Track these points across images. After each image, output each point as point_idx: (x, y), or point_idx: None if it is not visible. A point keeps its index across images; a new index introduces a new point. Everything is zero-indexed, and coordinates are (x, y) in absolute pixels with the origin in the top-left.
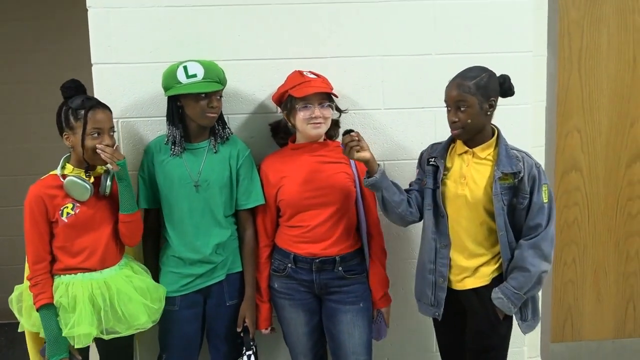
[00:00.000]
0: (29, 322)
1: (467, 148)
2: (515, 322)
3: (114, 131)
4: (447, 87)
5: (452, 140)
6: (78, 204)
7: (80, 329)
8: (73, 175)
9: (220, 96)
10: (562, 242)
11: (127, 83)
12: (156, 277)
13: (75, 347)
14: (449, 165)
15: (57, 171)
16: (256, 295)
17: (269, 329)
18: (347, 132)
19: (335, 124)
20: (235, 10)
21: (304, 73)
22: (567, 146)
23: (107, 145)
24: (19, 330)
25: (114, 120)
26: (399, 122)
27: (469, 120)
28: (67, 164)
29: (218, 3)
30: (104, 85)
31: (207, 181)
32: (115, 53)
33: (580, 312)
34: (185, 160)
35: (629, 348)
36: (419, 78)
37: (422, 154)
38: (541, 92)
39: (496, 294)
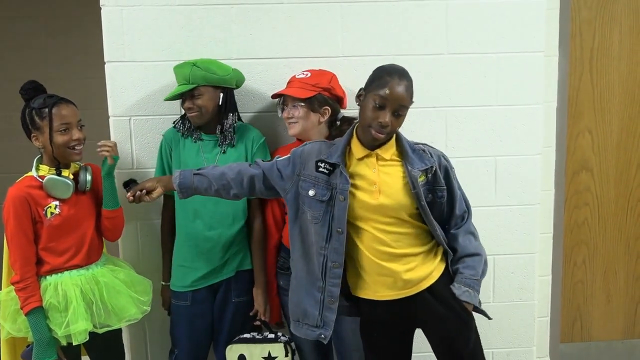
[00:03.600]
0: (14, 327)
1: (368, 151)
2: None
3: (82, 125)
4: (389, 82)
5: (348, 142)
6: (61, 203)
7: (77, 326)
8: (52, 174)
9: (200, 95)
10: (572, 242)
11: (140, 81)
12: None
13: (74, 344)
14: (351, 172)
15: (33, 173)
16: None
17: (279, 323)
18: (125, 186)
19: (347, 122)
20: (248, 9)
21: (297, 74)
22: (577, 147)
23: (79, 139)
24: (4, 338)
25: (127, 118)
26: (409, 121)
27: (398, 129)
28: (40, 165)
29: (231, 2)
30: (117, 83)
31: None
32: (128, 51)
33: (590, 312)
34: (202, 151)
35: (638, 349)
36: (431, 78)
37: (300, 151)
38: (552, 93)
39: (460, 290)
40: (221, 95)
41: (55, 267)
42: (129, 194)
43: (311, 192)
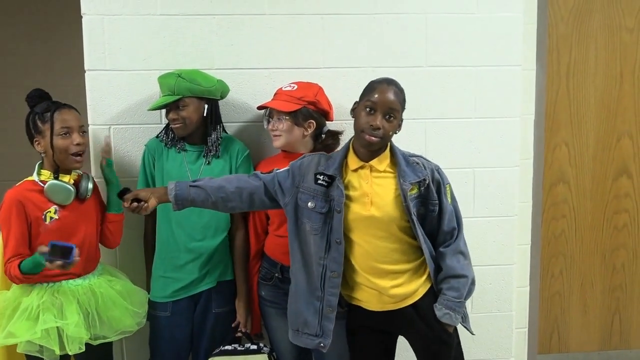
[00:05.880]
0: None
1: (362, 162)
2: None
3: (84, 130)
4: (377, 88)
5: (345, 155)
6: (60, 208)
7: (74, 332)
8: (54, 179)
9: (185, 106)
10: (550, 254)
11: (120, 90)
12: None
13: (70, 353)
14: (346, 183)
15: (34, 177)
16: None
17: (259, 334)
18: (121, 196)
19: (331, 135)
20: (229, 19)
21: (284, 86)
22: (555, 159)
23: (80, 144)
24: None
25: (107, 127)
26: None
27: (391, 133)
28: (42, 170)
29: (211, 12)
30: (97, 92)
31: None
32: (108, 60)
33: (567, 323)
34: (186, 162)
35: None
36: (410, 89)
37: (299, 163)
38: (530, 106)
39: (441, 311)
40: (206, 106)
41: (52, 274)
42: (125, 203)
43: (310, 204)
